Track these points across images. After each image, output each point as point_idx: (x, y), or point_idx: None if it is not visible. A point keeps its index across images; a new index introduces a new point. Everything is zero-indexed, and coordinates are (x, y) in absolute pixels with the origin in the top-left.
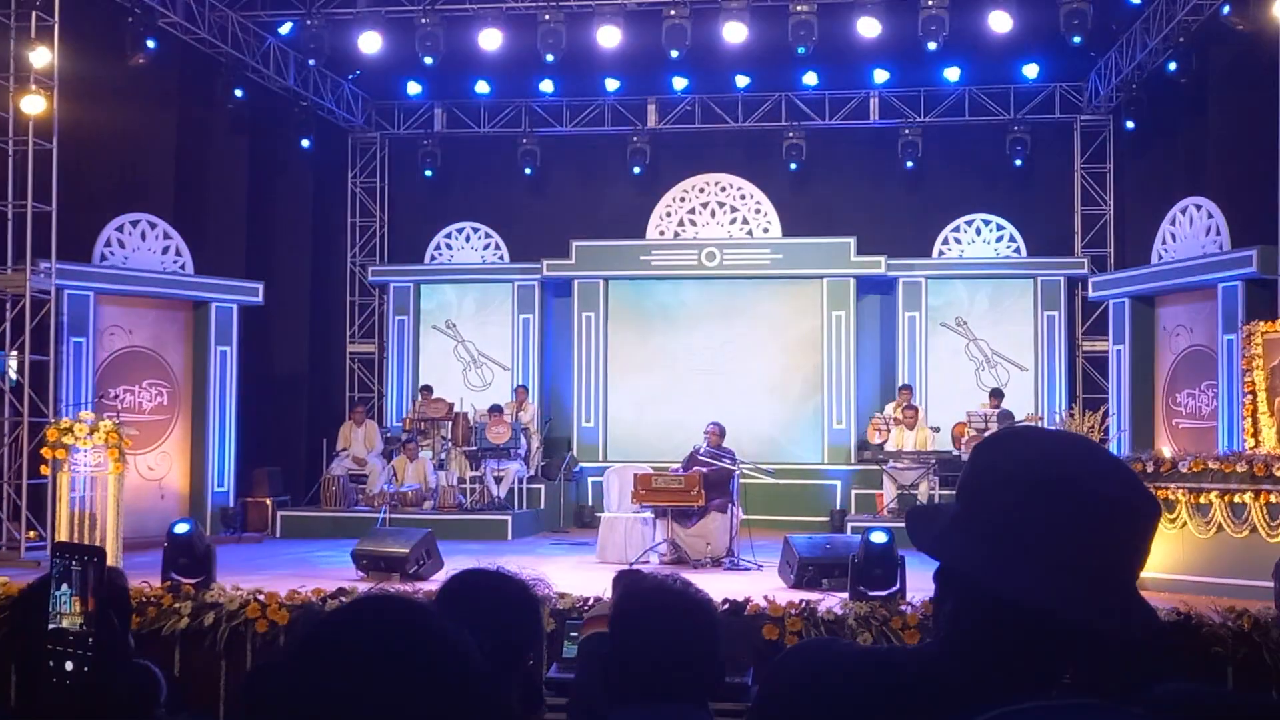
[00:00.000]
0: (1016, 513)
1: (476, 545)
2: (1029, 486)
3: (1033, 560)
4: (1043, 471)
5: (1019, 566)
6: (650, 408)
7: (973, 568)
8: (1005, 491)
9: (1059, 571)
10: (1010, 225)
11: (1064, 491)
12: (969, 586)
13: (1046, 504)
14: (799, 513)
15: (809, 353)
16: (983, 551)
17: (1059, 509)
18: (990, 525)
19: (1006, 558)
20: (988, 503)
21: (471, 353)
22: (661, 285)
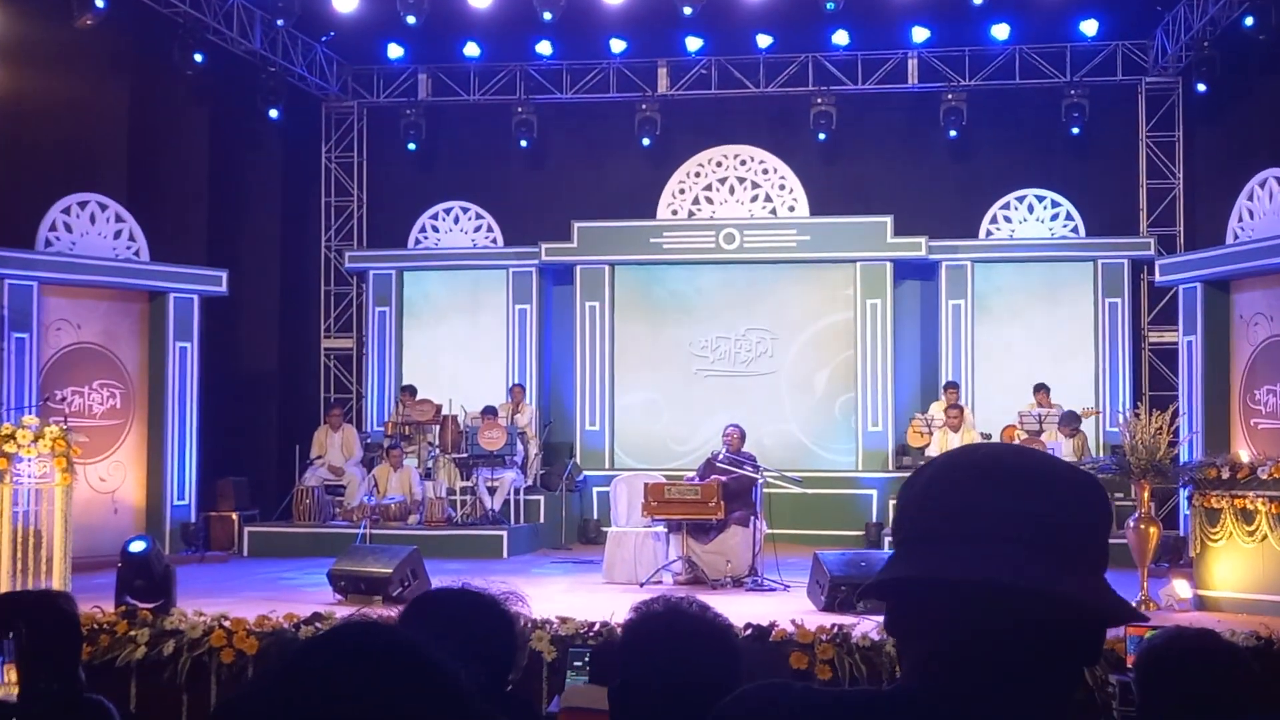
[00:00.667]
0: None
1: (468, 564)
2: (902, 517)
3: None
4: (906, 504)
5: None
6: (662, 409)
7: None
8: (898, 528)
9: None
10: (1067, 202)
11: (921, 516)
12: (949, 606)
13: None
14: (830, 526)
15: (841, 346)
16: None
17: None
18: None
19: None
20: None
21: (463, 348)
22: (674, 271)
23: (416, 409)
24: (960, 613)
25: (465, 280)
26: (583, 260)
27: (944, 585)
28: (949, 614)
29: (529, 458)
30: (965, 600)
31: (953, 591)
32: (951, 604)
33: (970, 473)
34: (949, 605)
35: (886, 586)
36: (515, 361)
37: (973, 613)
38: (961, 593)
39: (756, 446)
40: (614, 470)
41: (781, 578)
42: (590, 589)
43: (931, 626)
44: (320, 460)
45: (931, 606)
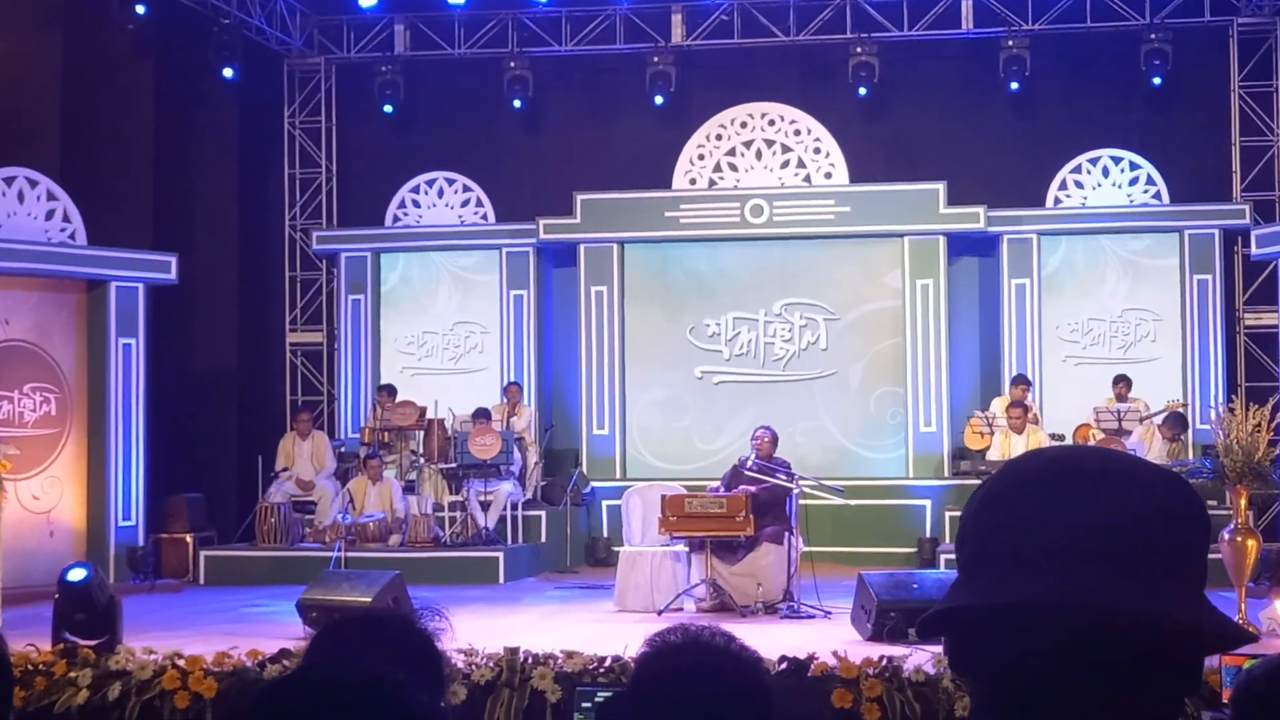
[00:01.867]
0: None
1: (459, 590)
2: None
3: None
4: (969, 527)
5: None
6: (681, 409)
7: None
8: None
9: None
10: (1147, 164)
11: (982, 548)
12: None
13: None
14: (877, 542)
15: (886, 333)
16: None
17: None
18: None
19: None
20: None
21: (450, 341)
22: (693, 250)
23: (397, 412)
24: (1038, 644)
25: (452, 263)
26: (587, 238)
27: (1018, 613)
28: (1025, 646)
29: (528, 467)
30: (1043, 629)
31: (1028, 620)
32: (1027, 634)
33: (1044, 481)
34: (1024, 636)
35: (949, 616)
36: (510, 356)
37: (1053, 643)
38: (1039, 621)
39: (791, 451)
40: (626, 481)
41: (821, 603)
42: (600, 618)
43: (1004, 661)
44: (287, 473)
45: (1004, 638)
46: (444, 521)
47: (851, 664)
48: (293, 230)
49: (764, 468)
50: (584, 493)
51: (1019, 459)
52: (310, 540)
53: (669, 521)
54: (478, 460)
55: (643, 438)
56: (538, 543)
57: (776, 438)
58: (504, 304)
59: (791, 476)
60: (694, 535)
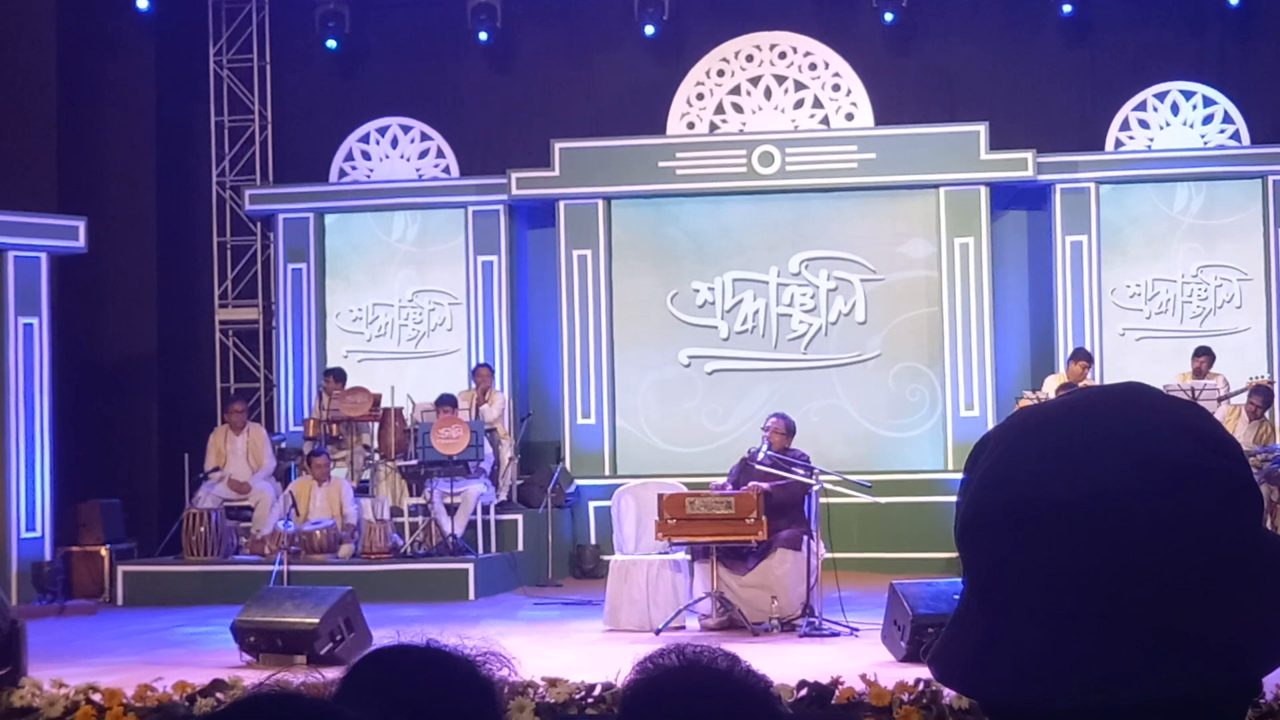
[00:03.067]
0: (979, 575)
1: (421, 609)
2: (976, 528)
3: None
4: (987, 494)
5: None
6: (680, 394)
7: (964, 683)
8: (966, 544)
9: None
10: (1223, 99)
11: (1011, 520)
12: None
13: (999, 549)
14: (911, 546)
15: (920, 301)
16: (972, 647)
17: (1010, 550)
18: (966, 603)
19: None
20: (964, 568)
21: (408, 317)
22: (692, 206)
23: (347, 401)
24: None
25: (409, 224)
26: (567, 194)
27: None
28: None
29: (501, 464)
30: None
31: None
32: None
33: (1066, 514)
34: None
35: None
36: (479, 334)
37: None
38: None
39: (809, 441)
40: (616, 478)
41: (847, 618)
42: (588, 640)
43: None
44: (218, 474)
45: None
46: (403, 528)
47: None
48: (221, 189)
49: (778, 461)
50: (567, 493)
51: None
52: (246, 552)
53: (667, 525)
54: (442, 456)
55: (635, 428)
56: (514, 552)
57: (792, 426)
58: (471, 272)
59: (810, 471)
60: (697, 541)
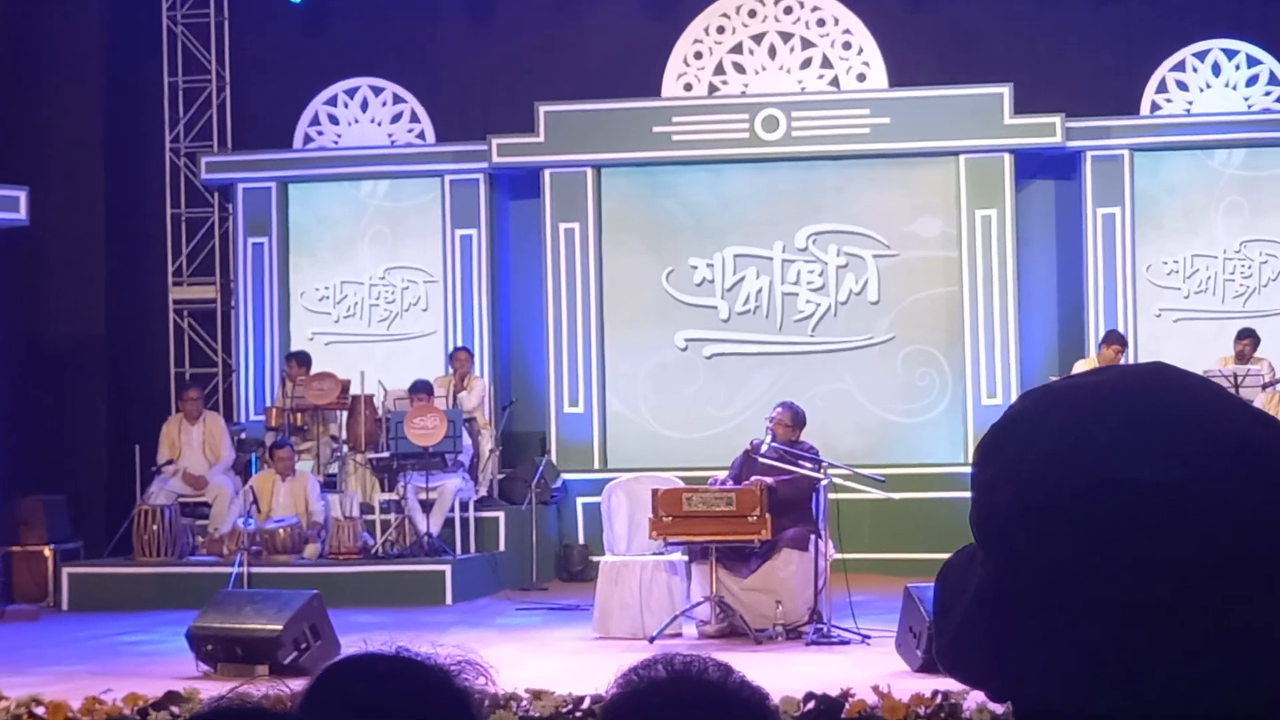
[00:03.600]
0: (1036, 567)
1: (394, 615)
2: (1036, 513)
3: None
4: (1053, 476)
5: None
6: (676, 380)
7: (1003, 686)
8: (1015, 532)
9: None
10: (1269, 58)
11: (1090, 503)
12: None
13: (1071, 535)
14: (928, 546)
15: (937, 279)
16: (1013, 652)
17: (1090, 536)
18: (1015, 597)
19: (1052, 652)
20: (1004, 557)
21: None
22: (690, 175)
23: (312, 388)
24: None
25: (380, 196)
26: (553, 161)
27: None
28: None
29: (481, 456)
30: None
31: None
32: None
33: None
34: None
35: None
36: (457, 314)
37: None
38: None
39: (818, 433)
40: (607, 472)
41: (858, 625)
42: (576, 648)
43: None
44: (172, 467)
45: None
46: (374, 527)
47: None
48: (175, 156)
49: (784, 454)
50: (553, 488)
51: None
52: (203, 552)
53: (662, 523)
54: (417, 448)
55: (627, 417)
56: (495, 553)
57: (801, 417)
58: (448, 247)
59: (818, 464)
60: (694, 540)
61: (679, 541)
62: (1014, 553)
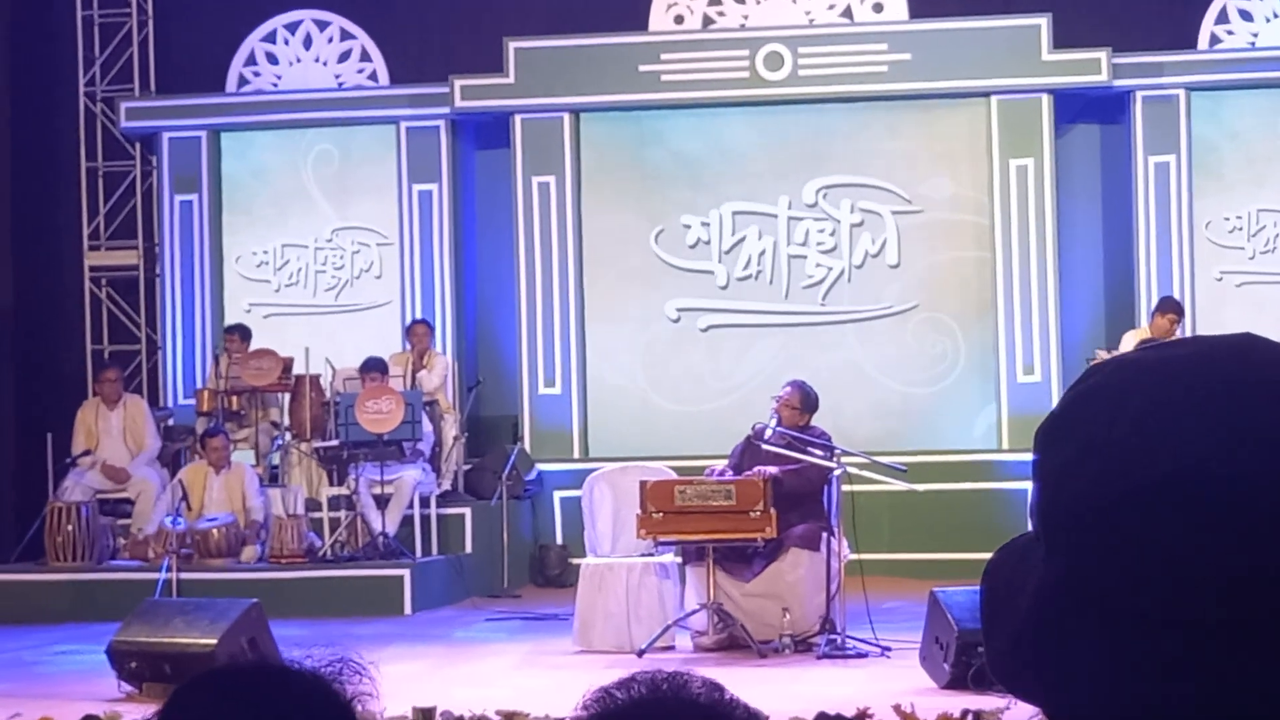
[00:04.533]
0: (1113, 568)
1: (346, 626)
2: (1115, 506)
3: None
4: (1138, 464)
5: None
6: (667, 356)
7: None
8: (1090, 526)
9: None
10: None
11: (1182, 496)
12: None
13: (1158, 533)
14: (957, 545)
15: (966, 239)
16: (1094, 667)
17: (1180, 535)
18: (1085, 602)
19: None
20: (1075, 555)
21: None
22: (682, 121)
23: (250, 367)
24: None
25: (327, 145)
26: (526, 106)
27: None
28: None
29: (443, 445)
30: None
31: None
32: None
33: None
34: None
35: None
36: (415, 281)
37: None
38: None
39: (830, 417)
40: (588, 461)
41: (876, 635)
42: (554, 663)
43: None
44: (89, 458)
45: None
46: (322, 526)
47: None
48: (90, 101)
49: (792, 440)
50: (526, 480)
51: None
52: (126, 556)
53: (652, 520)
54: (370, 436)
55: (611, 399)
56: (460, 555)
57: (812, 398)
58: (405, 205)
59: (831, 452)
60: (689, 539)
61: (671, 541)
62: (1087, 550)
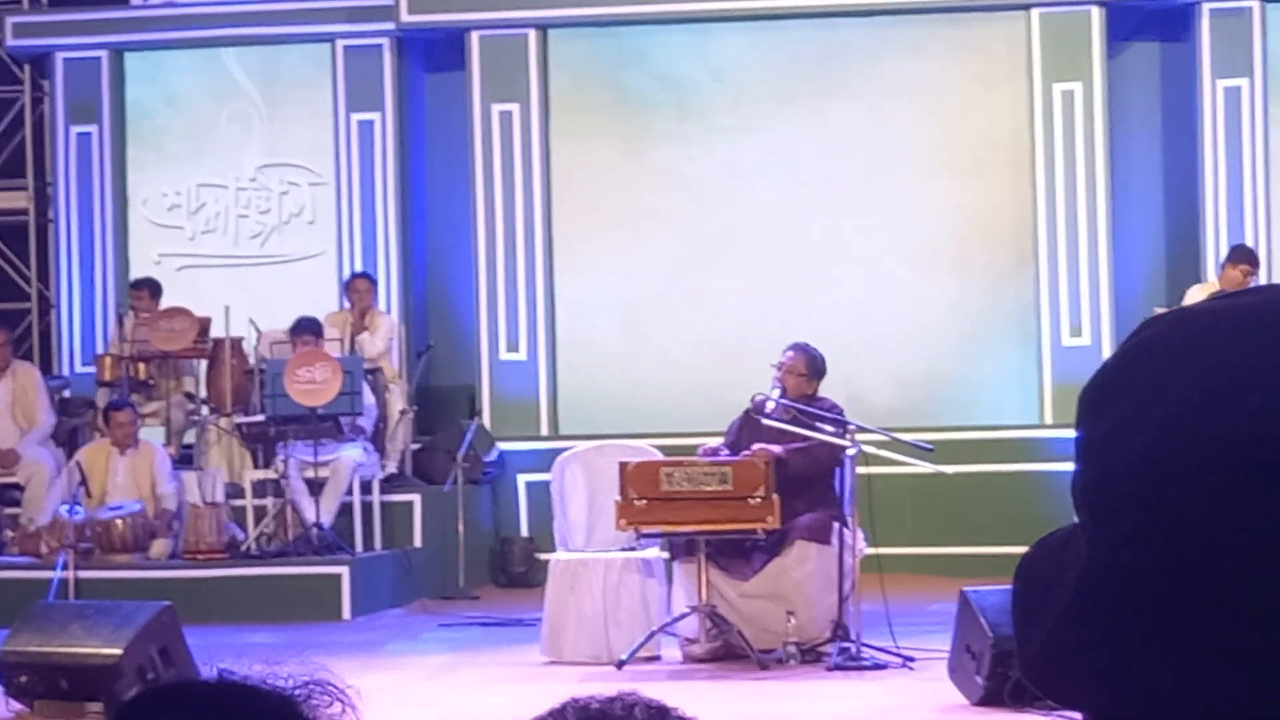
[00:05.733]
0: (1167, 548)
1: (276, 632)
2: (1172, 476)
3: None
4: (1201, 428)
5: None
6: (652, 314)
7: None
8: (1141, 500)
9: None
10: None
11: (1250, 464)
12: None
13: (1221, 508)
14: (990, 538)
15: (1001, 176)
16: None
17: (1247, 509)
18: (1134, 589)
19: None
20: (1123, 534)
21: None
22: (667, 38)
23: (160, 329)
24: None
25: (250, 68)
26: (484, 21)
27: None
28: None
29: (388, 420)
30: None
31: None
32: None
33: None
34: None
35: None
36: (355, 228)
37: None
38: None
39: (841, 387)
40: (558, 439)
41: (897, 643)
42: (519, 675)
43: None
44: None
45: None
46: (245, 515)
47: None
48: None
49: (798, 414)
50: (486, 462)
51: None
52: (14, 552)
53: (634, 508)
54: (302, 409)
55: (586, 365)
56: (408, 549)
57: (819, 363)
58: (342, 138)
59: (843, 428)
60: (678, 531)
61: (656, 533)
62: (1137, 529)
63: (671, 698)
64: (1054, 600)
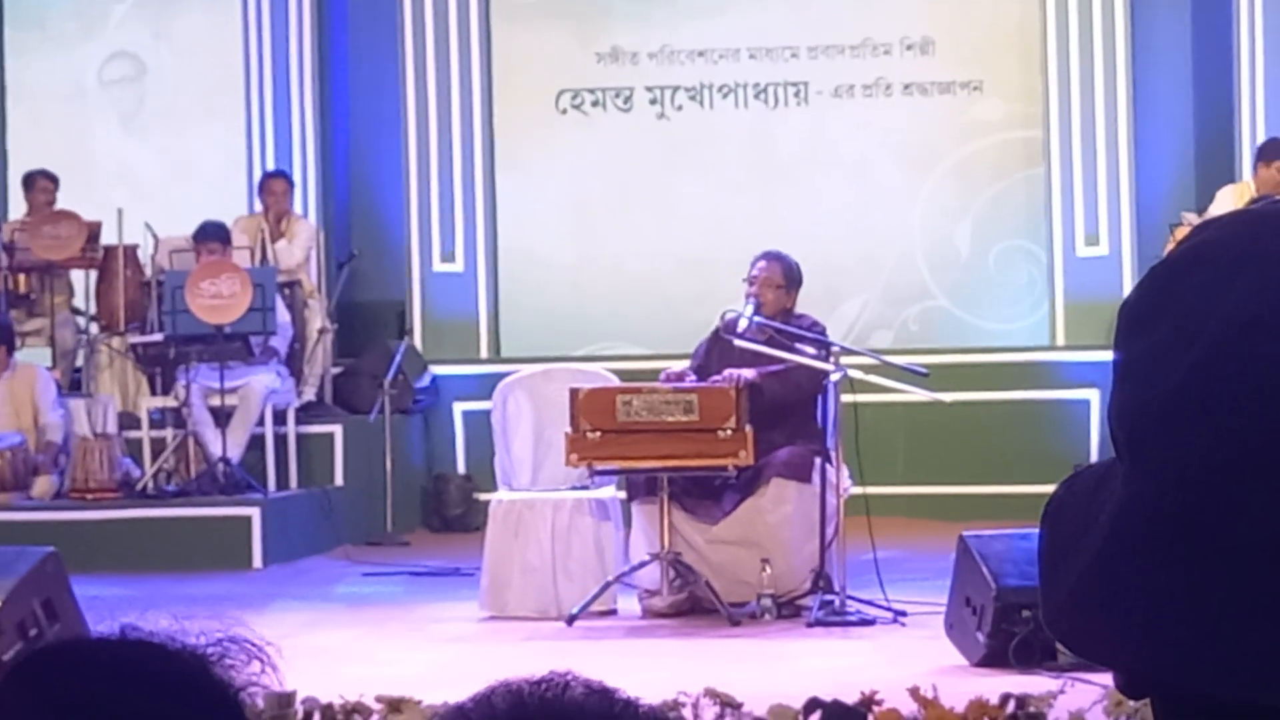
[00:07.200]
0: (1216, 483)
1: (176, 584)
2: (1223, 401)
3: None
4: (1259, 345)
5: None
6: (608, 220)
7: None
8: (1187, 428)
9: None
10: None
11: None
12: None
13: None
14: (993, 476)
15: (1009, 64)
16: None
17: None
18: (1177, 529)
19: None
20: (1165, 467)
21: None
22: None
23: (43, 235)
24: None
25: None
26: None
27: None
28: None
29: (306, 341)
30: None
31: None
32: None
33: None
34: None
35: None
36: (267, 119)
37: None
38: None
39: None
40: (499, 362)
41: (887, 595)
42: (455, 633)
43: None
44: None
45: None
46: (141, 449)
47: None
48: None
49: (773, 333)
50: (418, 388)
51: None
52: None
53: (586, 441)
54: (207, 328)
55: (531, 276)
56: (328, 488)
57: (794, 271)
58: (250, 14)
59: (826, 349)
60: (638, 468)
61: (612, 470)
62: (1180, 462)
63: (629, 657)
64: (1085, 546)
